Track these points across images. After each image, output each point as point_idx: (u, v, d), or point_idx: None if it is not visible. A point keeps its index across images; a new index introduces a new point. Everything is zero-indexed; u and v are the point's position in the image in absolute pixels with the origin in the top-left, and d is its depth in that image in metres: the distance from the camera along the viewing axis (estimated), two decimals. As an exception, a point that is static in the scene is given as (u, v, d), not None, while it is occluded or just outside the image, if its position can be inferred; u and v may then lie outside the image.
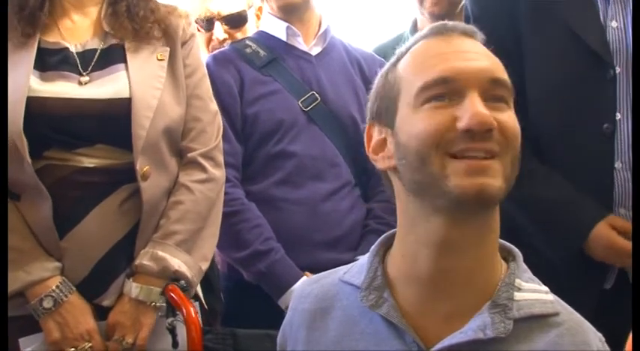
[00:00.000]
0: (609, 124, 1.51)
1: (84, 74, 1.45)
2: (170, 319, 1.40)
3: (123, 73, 1.46)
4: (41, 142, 1.40)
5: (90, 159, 1.42)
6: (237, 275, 1.81)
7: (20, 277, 1.38)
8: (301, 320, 1.02)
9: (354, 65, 1.97)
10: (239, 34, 2.16)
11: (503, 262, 0.96)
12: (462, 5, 2.23)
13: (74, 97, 1.42)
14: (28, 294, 1.39)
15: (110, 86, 1.44)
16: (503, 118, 0.89)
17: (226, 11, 2.16)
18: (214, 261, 1.72)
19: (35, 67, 1.43)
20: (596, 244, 1.53)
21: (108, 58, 1.48)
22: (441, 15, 2.09)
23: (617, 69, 1.51)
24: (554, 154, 1.60)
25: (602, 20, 1.53)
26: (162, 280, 1.44)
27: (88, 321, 1.41)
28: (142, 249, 1.46)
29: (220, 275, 1.85)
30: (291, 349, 1.03)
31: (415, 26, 2.35)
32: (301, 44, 1.93)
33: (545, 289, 0.95)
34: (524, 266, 0.97)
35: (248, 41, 1.95)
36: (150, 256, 1.44)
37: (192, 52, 1.58)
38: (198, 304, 1.52)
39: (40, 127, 1.39)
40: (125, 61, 1.47)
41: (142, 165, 1.43)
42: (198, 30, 2.07)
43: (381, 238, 1.02)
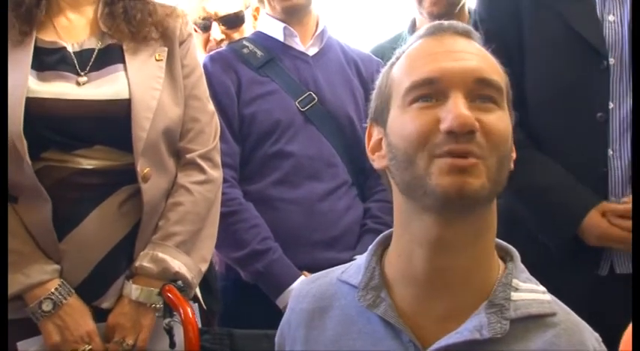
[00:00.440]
0: (603, 113, 1.58)
1: (82, 74, 1.44)
2: (167, 319, 1.40)
3: (121, 73, 1.45)
4: (39, 143, 1.39)
5: (89, 160, 1.41)
6: (235, 275, 1.81)
7: (19, 280, 1.37)
8: (299, 320, 1.02)
9: (351, 66, 1.97)
10: (236, 34, 2.16)
11: (500, 262, 0.97)
12: (462, 5, 2.23)
13: (73, 97, 1.41)
14: (26, 297, 1.39)
15: (109, 87, 1.43)
16: (488, 119, 0.89)
17: (223, 12, 2.16)
18: (212, 261, 1.72)
19: (32, 66, 1.42)
20: (589, 232, 1.58)
21: (106, 58, 1.47)
22: (440, 15, 2.09)
23: (612, 60, 1.58)
24: (549, 142, 1.65)
25: (599, 14, 1.60)
26: (162, 281, 1.44)
27: (87, 323, 1.41)
28: (141, 250, 1.45)
29: (218, 275, 1.85)
30: (290, 348, 1.03)
31: (414, 26, 2.35)
32: (298, 45, 1.94)
33: (543, 289, 0.95)
34: (521, 266, 0.97)
35: (245, 42, 1.95)
36: (150, 258, 1.44)
37: (189, 52, 1.58)
38: (197, 305, 1.52)
39: (39, 128, 1.38)
40: (123, 62, 1.47)
41: (143, 167, 1.43)
42: (195, 31, 2.08)
43: (379, 237, 1.03)
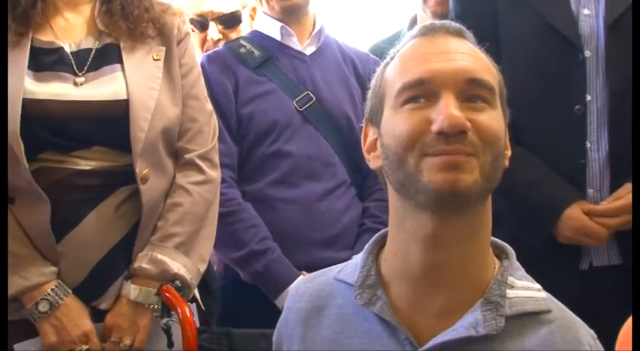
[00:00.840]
0: (580, 105, 1.60)
1: (79, 75, 1.44)
2: (165, 319, 1.40)
3: (119, 73, 1.45)
4: (36, 144, 1.38)
5: (86, 161, 1.41)
6: (233, 275, 1.81)
7: (16, 283, 1.37)
8: (297, 319, 1.02)
9: (348, 64, 1.97)
10: (233, 34, 2.16)
11: (496, 260, 0.97)
12: None
13: (70, 98, 1.40)
14: (24, 299, 1.39)
15: (107, 87, 1.43)
16: (480, 118, 0.89)
17: (220, 11, 2.16)
18: (210, 261, 1.71)
19: (29, 67, 1.41)
20: (568, 225, 1.61)
21: (103, 58, 1.47)
22: (444, 14, 2.09)
23: (587, 53, 1.61)
24: (529, 135, 1.66)
25: (574, 8, 1.64)
26: (161, 282, 1.43)
27: (84, 323, 1.41)
28: (140, 251, 1.45)
29: (216, 275, 1.85)
30: (287, 347, 1.03)
31: (414, 23, 2.33)
32: (295, 44, 1.94)
33: (538, 286, 0.95)
34: (517, 264, 0.97)
35: (242, 41, 1.95)
36: (149, 259, 1.43)
37: (187, 51, 1.57)
38: (195, 305, 1.52)
39: (36, 129, 1.37)
40: (121, 62, 1.46)
41: (142, 168, 1.43)
42: (192, 30, 2.07)
43: (375, 236, 1.03)
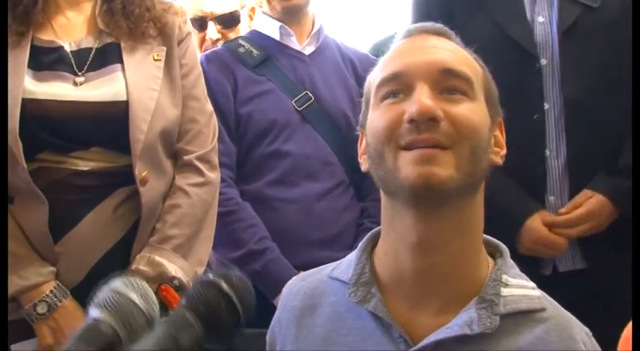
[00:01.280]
0: (539, 114, 1.62)
1: (79, 74, 1.44)
2: (163, 318, 1.40)
3: (119, 74, 1.45)
4: (35, 144, 1.38)
5: (85, 162, 1.41)
6: (232, 274, 1.81)
7: (15, 282, 1.37)
8: (290, 317, 1.02)
9: (347, 64, 1.97)
10: (232, 34, 2.17)
11: (489, 259, 0.96)
12: None
13: (70, 99, 1.40)
14: (22, 299, 1.39)
15: (107, 88, 1.43)
16: (454, 109, 0.89)
17: (219, 11, 2.17)
18: (209, 262, 1.71)
19: (29, 66, 1.41)
20: (527, 237, 1.63)
21: (103, 57, 1.46)
22: None
23: (543, 61, 1.62)
24: None
25: (528, 16, 1.65)
26: (158, 285, 1.43)
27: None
28: (138, 253, 1.45)
29: (214, 275, 1.85)
30: (281, 347, 1.03)
31: None
32: (294, 44, 1.94)
33: (532, 285, 0.95)
34: (511, 262, 0.96)
35: (241, 41, 1.95)
36: (146, 261, 1.43)
37: (188, 51, 1.57)
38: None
39: (35, 129, 1.38)
40: (121, 61, 1.46)
41: (141, 170, 1.42)
42: (191, 30, 2.08)
43: (368, 235, 1.03)
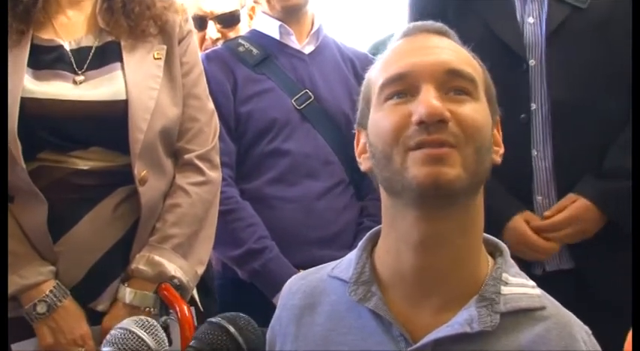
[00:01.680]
0: (525, 114, 1.62)
1: (79, 73, 1.44)
2: (163, 317, 1.40)
3: (119, 72, 1.44)
4: (35, 143, 1.38)
5: (85, 161, 1.41)
6: (232, 273, 1.81)
7: (14, 281, 1.37)
8: (290, 316, 1.02)
9: (347, 63, 1.97)
10: (232, 33, 2.17)
11: (489, 257, 0.96)
12: None
13: (69, 98, 1.40)
14: (21, 298, 1.39)
15: (106, 87, 1.42)
16: (460, 110, 0.89)
17: (219, 11, 2.17)
18: (210, 261, 1.71)
19: (29, 65, 1.41)
20: (509, 238, 1.61)
21: (103, 56, 1.46)
22: None
23: (532, 62, 1.62)
24: None
25: (519, 16, 1.65)
26: (158, 284, 1.44)
27: (81, 326, 1.41)
28: (138, 252, 1.45)
29: (214, 273, 1.85)
30: (281, 346, 1.03)
31: None
32: (294, 43, 1.94)
33: (532, 283, 0.95)
34: (511, 261, 0.97)
35: (241, 40, 1.95)
36: (146, 261, 1.43)
37: (189, 49, 1.56)
38: (194, 308, 1.50)
39: (35, 129, 1.38)
40: (121, 60, 1.45)
41: (140, 169, 1.42)
42: (191, 29, 2.07)
43: (369, 233, 1.03)
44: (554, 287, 1.58)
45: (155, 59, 1.49)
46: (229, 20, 2.19)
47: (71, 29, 1.49)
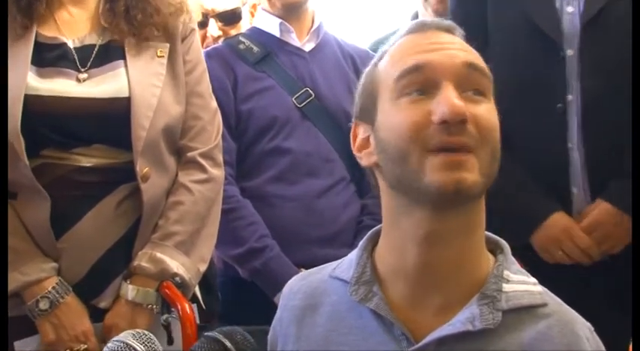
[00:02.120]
0: (561, 104, 1.60)
1: (82, 71, 1.44)
2: (165, 315, 1.40)
3: (122, 70, 1.45)
4: (38, 140, 1.39)
5: (88, 158, 1.41)
6: (233, 272, 1.81)
7: (16, 278, 1.38)
8: (291, 317, 1.02)
9: (347, 61, 1.97)
10: (233, 31, 2.17)
11: (490, 255, 0.96)
12: None
13: (73, 95, 1.40)
14: (24, 295, 1.39)
15: (109, 84, 1.43)
16: (477, 111, 0.89)
17: (221, 8, 2.18)
18: (212, 260, 1.71)
19: (32, 62, 1.41)
20: (554, 227, 1.61)
21: (107, 54, 1.46)
22: (445, 13, 2.09)
23: (569, 52, 1.59)
24: (511, 134, 1.65)
25: (558, 5, 1.62)
26: (160, 282, 1.44)
27: (83, 323, 1.41)
28: (140, 250, 1.45)
29: (217, 272, 1.85)
30: (282, 346, 1.03)
31: (415, 19, 2.35)
32: (294, 40, 1.93)
33: (534, 280, 0.95)
34: (512, 258, 0.96)
35: (241, 37, 1.95)
36: (148, 258, 1.43)
37: (192, 47, 1.57)
38: (196, 305, 1.51)
39: (38, 125, 1.38)
40: (124, 58, 1.46)
41: (142, 166, 1.42)
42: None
43: (369, 233, 1.03)
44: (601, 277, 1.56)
45: (158, 57, 1.49)
46: (230, 18, 2.19)
47: (75, 27, 1.49)
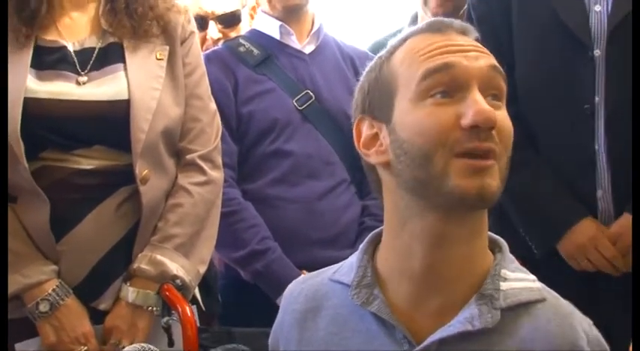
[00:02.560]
0: (589, 104, 1.57)
1: (82, 74, 1.44)
2: (166, 318, 1.40)
3: (121, 73, 1.45)
4: (38, 143, 1.39)
5: (88, 160, 1.41)
6: (235, 274, 1.81)
7: (17, 280, 1.38)
8: (292, 321, 1.02)
9: (347, 63, 1.97)
10: (233, 33, 2.16)
11: (490, 253, 0.96)
12: (465, 9, 2.22)
13: (72, 98, 1.41)
14: (24, 297, 1.40)
15: (109, 87, 1.43)
16: (499, 117, 0.89)
17: (220, 11, 2.17)
18: (212, 261, 1.71)
19: (32, 65, 1.41)
20: (580, 234, 1.59)
21: (106, 57, 1.47)
22: (445, 16, 2.08)
23: (597, 52, 1.56)
24: (538, 133, 1.64)
25: (586, 3, 1.58)
26: (160, 284, 1.44)
27: (84, 325, 1.41)
28: (140, 252, 1.45)
29: (217, 274, 1.85)
30: (284, 347, 1.02)
31: (415, 22, 2.34)
32: (294, 43, 1.93)
33: (533, 277, 0.95)
34: (510, 257, 0.96)
35: (241, 40, 1.95)
36: (148, 260, 1.44)
37: (191, 50, 1.57)
38: (195, 307, 1.51)
39: (37, 128, 1.38)
40: (124, 61, 1.46)
41: (142, 168, 1.43)
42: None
43: (370, 235, 1.02)
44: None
45: (157, 60, 1.49)
46: (230, 20, 2.19)
47: (75, 30, 1.49)
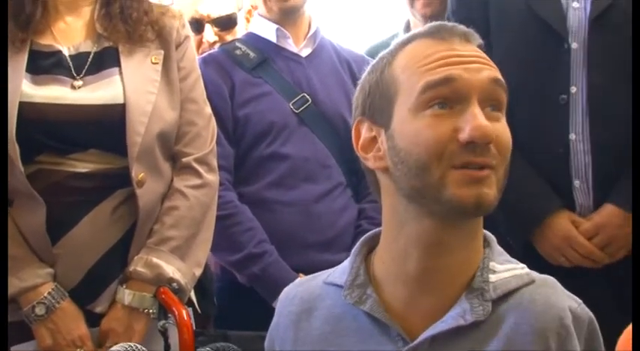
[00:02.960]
0: (565, 95, 1.60)
1: (77, 78, 1.44)
2: (162, 321, 1.40)
3: (117, 77, 1.45)
4: (33, 147, 1.39)
5: (83, 164, 1.42)
6: (230, 277, 1.81)
7: (13, 284, 1.38)
8: (288, 322, 1.02)
9: (344, 66, 1.97)
10: (229, 36, 2.17)
11: (481, 250, 0.96)
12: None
13: (67, 102, 1.41)
14: (20, 300, 1.40)
15: (104, 91, 1.43)
16: (499, 129, 0.90)
17: (216, 14, 2.17)
18: (207, 264, 1.71)
19: (27, 70, 1.42)
20: (553, 233, 1.60)
21: (102, 61, 1.47)
22: (433, 16, 2.09)
23: (574, 45, 1.60)
24: (514, 125, 1.63)
25: (563, 1, 1.63)
26: (156, 286, 1.44)
27: (80, 327, 1.41)
28: (135, 254, 1.45)
29: (213, 277, 1.85)
30: (280, 348, 1.03)
31: (408, 27, 2.35)
32: (291, 46, 1.94)
33: (522, 265, 0.96)
34: (499, 249, 0.97)
35: (238, 43, 1.95)
36: (144, 263, 1.44)
37: (186, 54, 1.57)
38: (191, 309, 1.51)
39: (33, 132, 1.38)
40: (119, 65, 1.46)
41: (138, 172, 1.43)
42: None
43: (364, 238, 1.03)
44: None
45: (153, 64, 1.50)
46: (226, 23, 2.19)
47: (70, 35, 1.50)
